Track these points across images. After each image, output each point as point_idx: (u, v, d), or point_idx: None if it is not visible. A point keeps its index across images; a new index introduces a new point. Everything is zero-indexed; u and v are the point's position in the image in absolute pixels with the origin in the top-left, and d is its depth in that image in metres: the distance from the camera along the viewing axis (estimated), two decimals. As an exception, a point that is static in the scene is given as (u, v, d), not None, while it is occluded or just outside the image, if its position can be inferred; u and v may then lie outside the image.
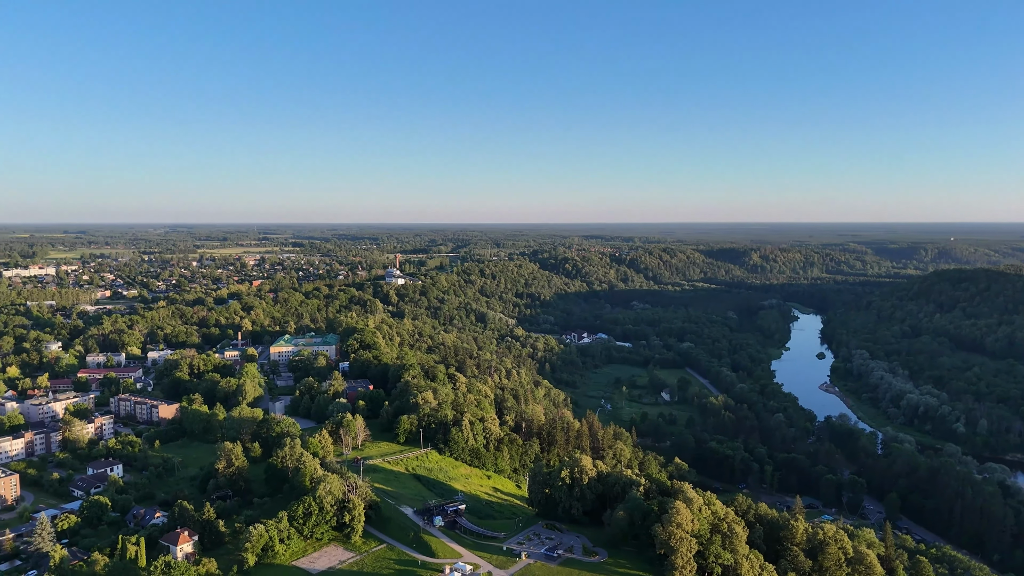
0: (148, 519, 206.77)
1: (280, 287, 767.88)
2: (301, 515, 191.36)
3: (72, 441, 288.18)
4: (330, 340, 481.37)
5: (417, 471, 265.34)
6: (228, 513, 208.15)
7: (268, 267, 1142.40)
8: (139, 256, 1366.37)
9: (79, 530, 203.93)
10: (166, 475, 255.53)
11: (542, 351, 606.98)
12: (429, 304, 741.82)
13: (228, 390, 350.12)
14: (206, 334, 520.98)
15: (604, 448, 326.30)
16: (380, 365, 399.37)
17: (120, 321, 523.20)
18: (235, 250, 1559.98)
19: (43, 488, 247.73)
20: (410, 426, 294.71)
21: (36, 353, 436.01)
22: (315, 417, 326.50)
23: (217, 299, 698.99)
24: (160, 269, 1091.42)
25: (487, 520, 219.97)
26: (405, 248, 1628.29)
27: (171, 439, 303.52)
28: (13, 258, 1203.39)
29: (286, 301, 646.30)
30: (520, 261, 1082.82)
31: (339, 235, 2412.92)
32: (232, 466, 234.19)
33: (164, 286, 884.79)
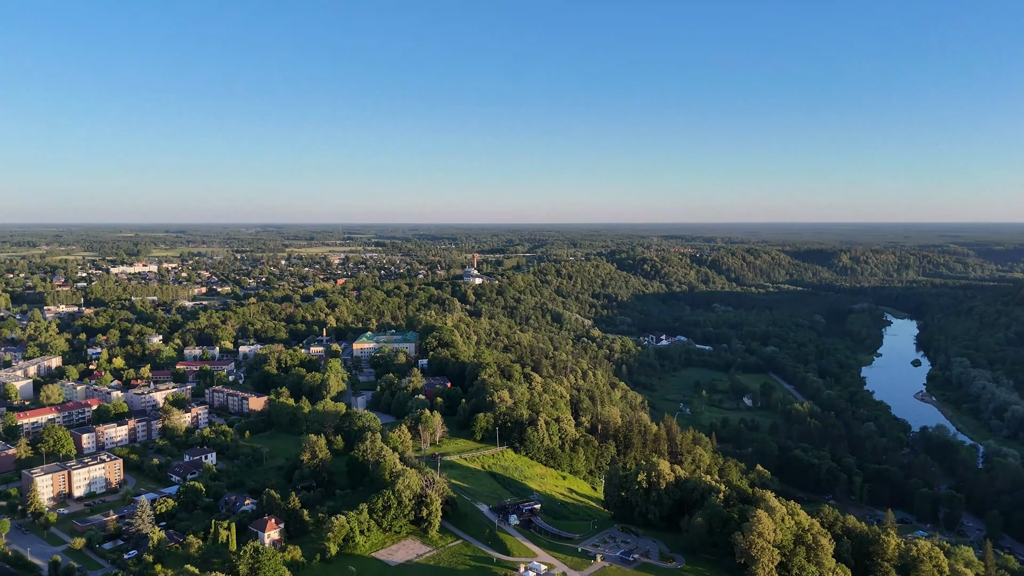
0: (238, 506, 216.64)
1: (363, 285, 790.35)
2: (381, 508, 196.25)
3: (171, 429, 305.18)
4: (410, 337, 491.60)
5: (493, 469, 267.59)
6: (312, 503, 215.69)
7: (352, 266, 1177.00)
8: (232, 254, 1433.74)
9: (175, 513, 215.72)
10: (255, 464, 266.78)
11: (619, 353, 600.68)
12: (506, 304, 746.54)
13: (313, 384, 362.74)
14: (293, 330, 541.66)
15: (682, 453, 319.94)
16: (457, 363, 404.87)
17: (215, 316, 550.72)
18: (321, 249, 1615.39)
19: (144, 473, 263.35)
20: (486, 424, 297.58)
21: (139, 345, 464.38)
22: (395, 412, 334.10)
23: (304, 296, 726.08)
24: (251, 267, 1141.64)
25: (562, 521, 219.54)
26: (483, 248, 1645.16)
27: (260, 430, 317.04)
28: (120, 256, 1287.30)
29: (368, 299, 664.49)
30: (597, 261, 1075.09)
31: (419, 235, 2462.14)
32: (316, 458, 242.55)
33: (255, 283, 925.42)
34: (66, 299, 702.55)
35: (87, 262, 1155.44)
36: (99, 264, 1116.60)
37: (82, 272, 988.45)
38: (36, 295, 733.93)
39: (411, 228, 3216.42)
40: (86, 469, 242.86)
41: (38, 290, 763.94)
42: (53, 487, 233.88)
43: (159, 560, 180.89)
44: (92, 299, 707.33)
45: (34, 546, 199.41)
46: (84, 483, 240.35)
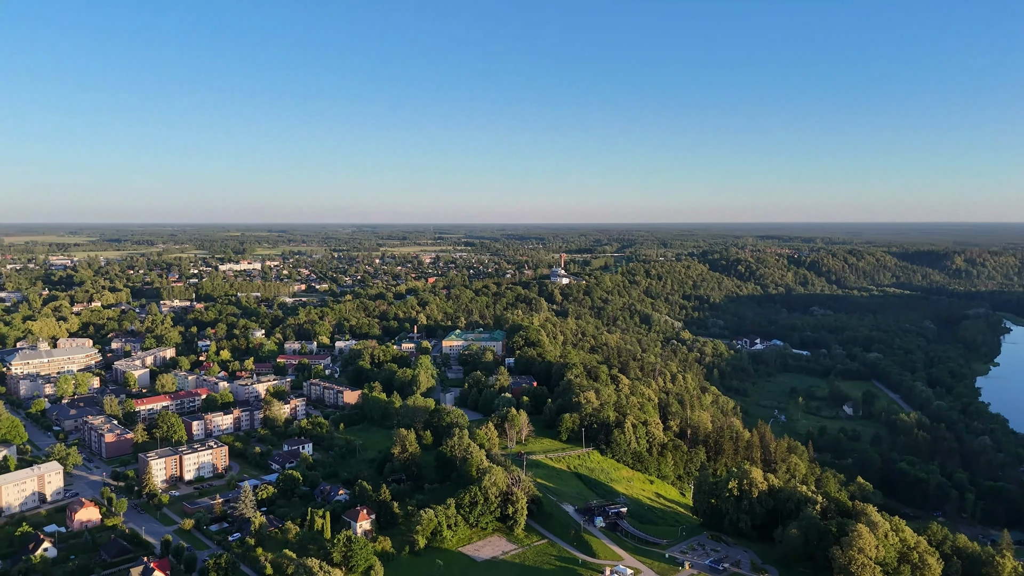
0: (333, 495, 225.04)
1: (452, 284, 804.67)
2: (468, 503, 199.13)
3: (271, 419, 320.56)
4: (497, 336, 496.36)
5: (579, 470, 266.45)
6: (402, 496, 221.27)
7: (442, 265, 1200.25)
8: (330, 253, 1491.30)
9: (275, 500, 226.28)
10: (349, 456, 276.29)
11: (710, 356, 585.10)
12: (593, 304, 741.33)
13: (404, 380, 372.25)
14: (386, 326, 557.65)
15: (776, 461, 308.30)
16: (544, 363, 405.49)
17: (313, 312, 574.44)
18: (413, 248, 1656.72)
19: (247, 460, 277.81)
20: (572, 425, 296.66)
21: (244, 339, 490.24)
22: (482, 410, 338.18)
23: (396, 294, 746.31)
24: (347, 265, 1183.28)
25: (649, 525, 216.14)
26: (570, 248, 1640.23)
27: (354, 423, 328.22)
28: (227, 254, 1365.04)
29: (457, 297, 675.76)
30: (688, 262, 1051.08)
31: (507, 235, 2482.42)
32: (406, 452, 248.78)
33: (351, 281, 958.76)
34: (179, 294, 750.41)
35: (198, 260, 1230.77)
36: (209, 262, 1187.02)
37: (194, 269, 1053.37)
38: (153, 290, 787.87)
39: (499, 228, 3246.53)
40: (196, 455, 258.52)
41: (155, 285, 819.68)
42: (166, 470, 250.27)
43: (260, 544, 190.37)
44: (202, 294, 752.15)
45: (148, 525, 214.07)
46: (194, 467, 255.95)
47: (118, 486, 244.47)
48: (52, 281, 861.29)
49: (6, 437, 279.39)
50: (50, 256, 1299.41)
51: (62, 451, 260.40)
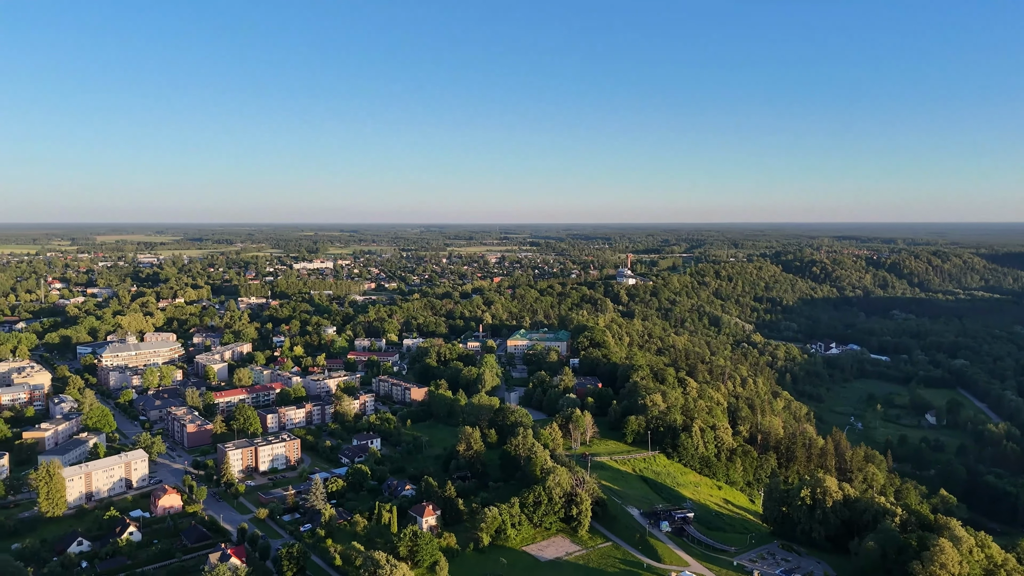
0: (400, 490, 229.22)
1: (517, 284, 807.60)
2: (531, 503, 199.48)
3: (342, 414, 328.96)
4: (562, 336, 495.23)
5: (644, 473, 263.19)
6: (466, 493, 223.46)
7: (507, 265, 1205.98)
8: (399, 253, 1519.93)
9: (344, 493, 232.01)
10: (415, 452, 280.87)
11: (782, 360, 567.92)
12: (660, 305, 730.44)
13: (469, 378, 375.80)
14: (452, 325, 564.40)
15: (852, 470, 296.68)
16: (609, 364, 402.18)
17: (382, 310, 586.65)
18: (479, 248, 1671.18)
19: (318, 453, 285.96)
20: (638, 427, 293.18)
21: (316, 336, 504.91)
22: (546, 410, 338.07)
23: (462, 293, 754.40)
24: (415, 265, 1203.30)
25: (716, 532, 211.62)
26: (637, 248, 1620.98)
27: (420, 419, 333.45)
28: (301, 253, 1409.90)
29: (522, 297, 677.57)
30: (760, 263, 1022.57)
31: (573, 235, 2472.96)
32: (471, 449, 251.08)
33: (418, 280, 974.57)
34: (256, 291, 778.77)
35: (274, 258, 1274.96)
36: (284, 260, 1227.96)
37: (270, 268, 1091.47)
38: (232, 287, 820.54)
39: (565, 228, 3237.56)
40: (270, 447, 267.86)
41: (233, 283, 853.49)
42: (243, 461, 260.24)
43: (330, 535, 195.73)
44: (277, 292, 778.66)
45: (226, 513, 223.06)
46: (268, 459, 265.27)
47: (198, 475, 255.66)
48: (140, 278, 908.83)
49: (96, 425, 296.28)
50: (138, 254, 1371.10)
51: (147, 440, 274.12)
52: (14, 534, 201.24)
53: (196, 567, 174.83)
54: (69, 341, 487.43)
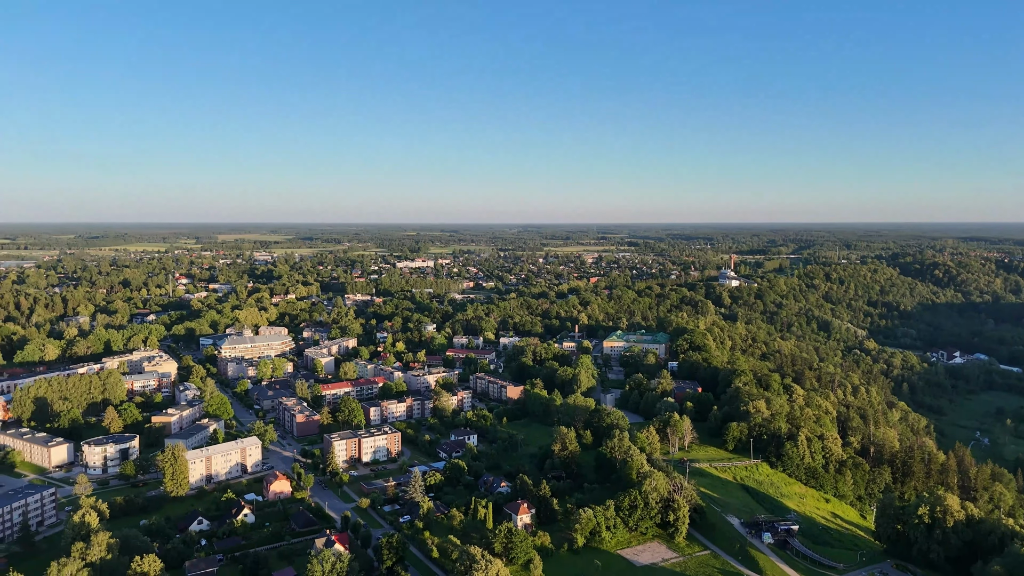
0: (495, 487, 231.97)
1: (614, 284, 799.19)
2: (627, 507, 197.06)
3: (440, 409, 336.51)
4: (660, 338, 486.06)
5: (746, 482, 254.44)
6: (561, 493, 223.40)
7: (604, 265, 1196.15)
8: (496, 253, 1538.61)
9: (442, 487, 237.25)
10: (510, 449, 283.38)
11: (899, 368, 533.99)
12: (765, 308, 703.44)
13: (565, 378, 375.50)
14: (548, 325, 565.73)
15: (976, 489, 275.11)
16: (709, 368, 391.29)
17: (480, 309, 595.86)
18: (575, 248, 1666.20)
19: (417, 447, 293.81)
20: (739, 434, 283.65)
21: (417, 332, 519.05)
22: (643, 413, 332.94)
23: (558, 293, 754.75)
24: (512, 264, 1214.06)
25: (823, 547, 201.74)
26: (740, 249, 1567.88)
27: (515, 417, 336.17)
28: (403, 252, 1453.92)
29: (619, 298, 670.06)
30: (875, 265, 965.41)
31: (673, 235, 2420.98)
32: (566, 449, 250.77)
33: (515, 279, 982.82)
34: (361, 289, 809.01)
35: (379, 257, 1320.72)
36: (388, 259, 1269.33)
37: (374, 266, 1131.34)
38: (339, 284, 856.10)
39: (664, 228, 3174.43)
40: (372, 439, 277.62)
41: (341, 280, 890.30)
42: (347, 451, 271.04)
43: (428, 527, 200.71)
44: (381, 289, 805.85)
45: (330, 501, 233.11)
46: (370, 450, 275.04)
47: (306, 463, 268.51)
48: (256, 275, 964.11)
49: (216, 412, 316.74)
50: (254, 252, 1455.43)
51: (261, 428, 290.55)
52: (142, 511, 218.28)
53: (303, 550, 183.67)
54: (193, 333, 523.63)
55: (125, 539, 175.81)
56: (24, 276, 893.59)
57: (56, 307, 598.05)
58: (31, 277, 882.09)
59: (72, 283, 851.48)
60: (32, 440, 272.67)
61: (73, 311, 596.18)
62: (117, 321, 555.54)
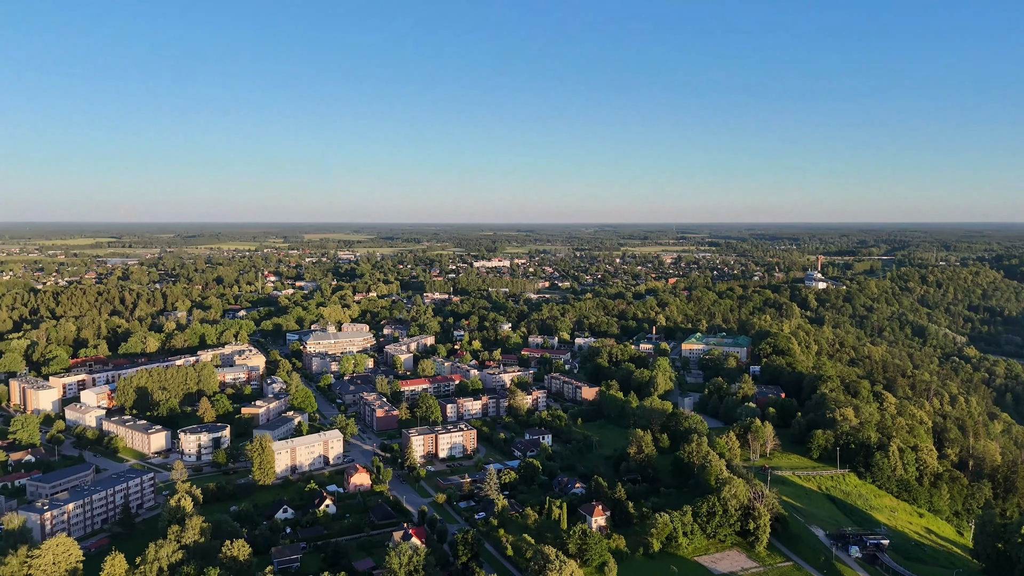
0: (570, 488, 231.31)
1: (694, 285, 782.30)
2: (705, 513, 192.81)
3: (515, 408, 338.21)
4: (741, 342, 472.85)
5: (831, 492, 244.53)
6: (637, 496, 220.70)
7: (684, 265, 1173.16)
8: (572, 252, 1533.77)
9: (516, 485, 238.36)
10: (585, 451, 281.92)
11: (1002, 377, 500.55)
12: (854, 312, 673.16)
13: (641, 380, 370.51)
14: (624, 326, 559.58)
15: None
16: (794, 373, 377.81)
17: (555, 309, 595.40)
18: (654, 248, 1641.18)
19: (492, 444, 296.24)
20: (825, 442, 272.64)
21: (493, 331, 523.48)
22: (722, 418, 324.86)
23: (635, 294, 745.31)
24: (589, 264, 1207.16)
25: (916, 563, 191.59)
26: (828, 250, 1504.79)
27: (590, 419, 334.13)
28: (480, 252, 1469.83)
29: (699, 299, 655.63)
30: (977, 267, 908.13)
31: (756, 235, 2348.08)
32: (642, 452, 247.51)
33: (591, 280, 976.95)
34: (440, 287, 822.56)
35: (456, 257, 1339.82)
36: (465, 259, 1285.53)
37: (452, 265, 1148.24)
38: (418, 283, 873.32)
39: (747, 228, 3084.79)
40: (449, 435, 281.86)
41: (420, 279, 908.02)
42: (424, 447, 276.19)
43: (502, 525, 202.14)
44: (458, 288, 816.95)
45: (408, 495, 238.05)
46: (447, 447, 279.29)
47: (385, 456, 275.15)
48: (339, 273, 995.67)
49: (301, 405, 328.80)
50: (338, 252, 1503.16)
51: (342, 421, 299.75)
52: (232, 497, 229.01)
53: (381, 542, 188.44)
54: (280, 328, 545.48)
55: (217, 524, 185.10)
56: (128, 273, 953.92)
57: (157, 302, 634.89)
58: (135, 274, 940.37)
59: (171, 280, 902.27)
60: (133, 427, 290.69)
61: (172, 306, 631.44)
62: (211, 316, 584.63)
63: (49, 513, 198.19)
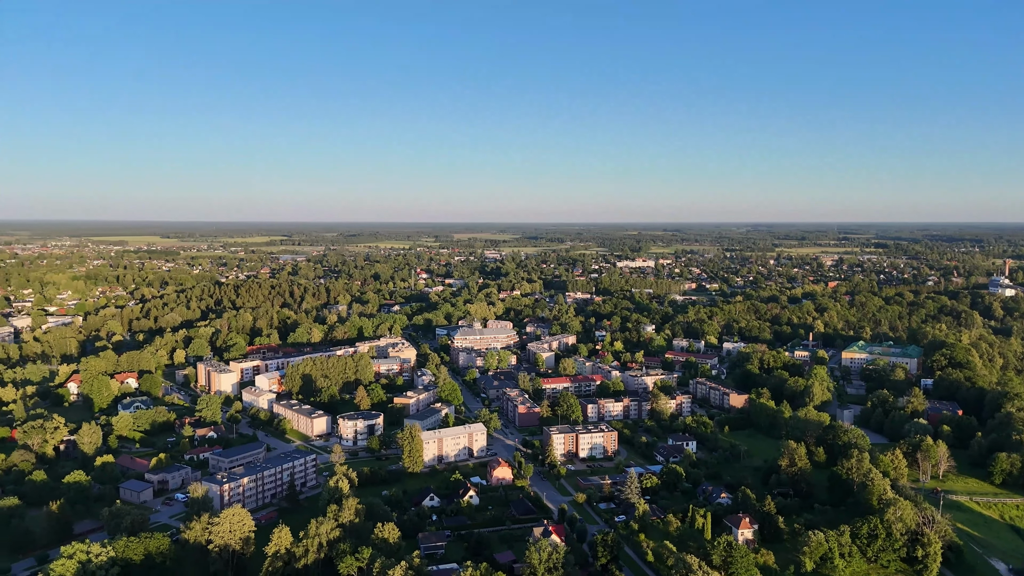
0: (714, 497, 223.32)
1: (857, 290, 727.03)
2: (865, 535, 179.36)
3: (658, 412, 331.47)
4: (911, 352, 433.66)
5: (1016, 522, 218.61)
6: (787, 511, 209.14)
7: (846, 268, 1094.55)
8: (722, 253, 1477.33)
9: (658, 491, 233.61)
10: (732, 460, 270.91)
11: None
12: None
13: (795, 389, 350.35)
14: (777, 331, 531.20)
15: None
16: (973, 388, 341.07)
17: (702, 311, 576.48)
18: (812, 249, 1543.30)
19: (633, 447, 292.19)
20: (1010, 467, 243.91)
21: (635, 333, 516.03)
22: (887, 434, 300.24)
23: (791, 298, 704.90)
24: (739, 266, 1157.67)
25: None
26: (1019, 252, 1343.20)
27: (739, 427, 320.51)
28: (624, 252, 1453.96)
29: (863, 305, 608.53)
30: None
31: (930, 236, 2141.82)
32: (795, 466, 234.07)
33: (742, 282, 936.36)
34: (582, 287, 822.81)
35: (599, 256, 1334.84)
36: (608, 258, 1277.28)
37: (595, 265, 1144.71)
38: (561, 282, 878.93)
39: (920, 228, 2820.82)
40: (590, 435, 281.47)
41: (562, 278, 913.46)
42: (564, 445, 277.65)
43: (643, 530, 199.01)
44: (601, 288, 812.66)
45: (548, 492, 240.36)
46: (587, 447, 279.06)
47: (526, 452, 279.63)
48: (486, 271, 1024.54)
49: (448, 398, 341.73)
50: (485, 251, 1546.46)
51: (486, 415, 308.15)
52: (384, 482, 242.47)
53: (521, 537, 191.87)
54: (430, 323, 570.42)
55: (370, 506, 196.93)
56: (297, 268, 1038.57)
57: (321, 296, 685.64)
58: (302, 269, 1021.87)
59: (334, 275, 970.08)
60: (299, 411, 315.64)
61: (334, 300, 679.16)
62: (368, 310, 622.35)
63: (227, 485, 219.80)
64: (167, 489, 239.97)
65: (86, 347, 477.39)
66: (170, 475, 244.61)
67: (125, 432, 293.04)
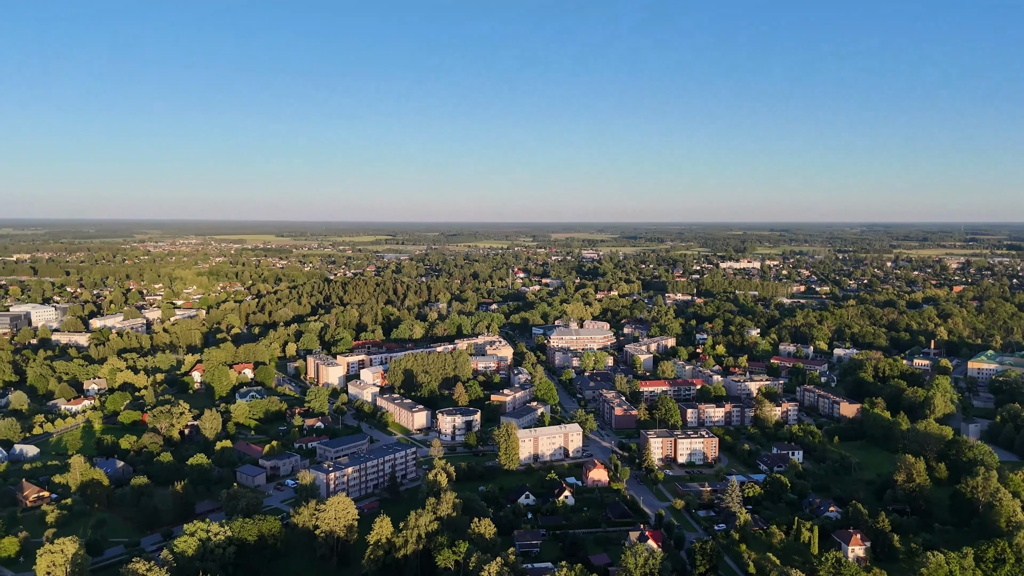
0: (822, 510, 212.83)
1: (987, 295, 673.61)
2: (991, 559, 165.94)
3: (761, 419, 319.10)
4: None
5: None
6: (903, 529, 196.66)
7: (973, 271, 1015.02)
8: (833, 254, 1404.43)
9: (761, 500, 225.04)
10: (842, 472, 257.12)
11: None
12: None
13: (914, 400, 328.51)
14: (894, 338, 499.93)
15: None
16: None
17: (811, 315, 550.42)
18: (935, 251, 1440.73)
19: (735, 455, 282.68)
20: None
21: (739, 336, 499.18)
22: (1018, 451, 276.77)
23: (910, 303, 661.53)
24: (852, 268, 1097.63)
25: None
26: None
27: (850, 438, 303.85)
28: (728, 252, 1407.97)
29: (992, 311, 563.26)
30: None
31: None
32: (912, 481, 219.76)
33: (855, 285, 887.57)
34: (682, 288, 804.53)
35: (701, 257, 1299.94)
36: (710, 259, 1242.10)
37: (696, 266, 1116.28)
38: (660, 283, 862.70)
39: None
40: (689, 440, 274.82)
41: (662, 279, 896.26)
42: (662, 449, 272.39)
43: (744, 540, 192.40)
44: (702, 290, 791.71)
45: (645, 497, 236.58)
46: (686, 452, 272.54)
47: (622, 455, 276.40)
48: (582, 271, 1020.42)
49: (543, 397, 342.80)
50: (582, 251, 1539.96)
51: (582, 416, 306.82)
52: (480, 478, 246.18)
53: (617, 540, 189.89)
54: (527, 322, 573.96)
55: (467, 501, 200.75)
56: (400, 267, 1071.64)
57: (422, 293, 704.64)
58: (405, 268, 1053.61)
59: (435, 274, 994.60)
60: (401, 405, 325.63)
61: (435, 298, 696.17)
62: (467, 308, 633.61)
63: (333, 474, 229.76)
64: (278, 475, 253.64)
65: (208, 339, 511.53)
66: (281, 462, 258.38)
67: (242, 419, 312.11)
